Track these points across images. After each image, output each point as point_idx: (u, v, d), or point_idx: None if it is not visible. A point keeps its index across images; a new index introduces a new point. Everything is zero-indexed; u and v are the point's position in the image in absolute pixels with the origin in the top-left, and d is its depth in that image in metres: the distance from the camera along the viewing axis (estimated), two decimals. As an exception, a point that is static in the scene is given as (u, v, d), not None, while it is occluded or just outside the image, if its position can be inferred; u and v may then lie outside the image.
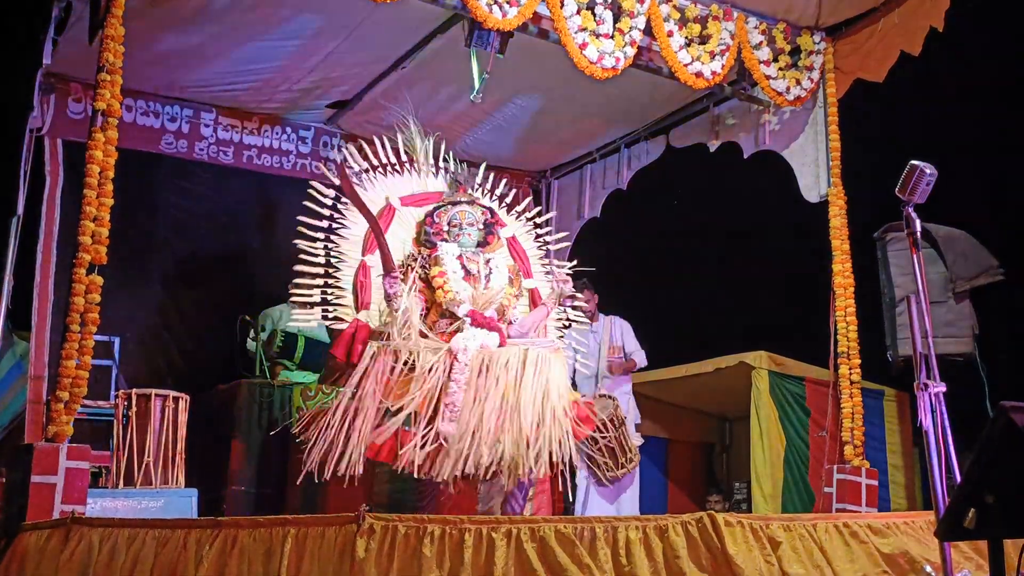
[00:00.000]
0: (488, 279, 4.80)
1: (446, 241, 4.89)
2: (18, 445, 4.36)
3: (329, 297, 4.77)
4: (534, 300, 5.21)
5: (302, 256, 4.80)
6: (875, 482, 5.59)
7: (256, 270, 6.97)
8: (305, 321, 4.90)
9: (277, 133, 7.16)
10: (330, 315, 4.74)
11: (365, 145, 5.34)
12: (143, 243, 6.61)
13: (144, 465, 4.67)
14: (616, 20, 5.30)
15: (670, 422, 8.06)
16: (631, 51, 5.34)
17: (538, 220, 5.66)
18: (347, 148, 5.48)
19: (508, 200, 5.59)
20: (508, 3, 4.92)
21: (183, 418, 4.94)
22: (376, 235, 4.78)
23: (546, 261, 5.52)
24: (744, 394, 6.79)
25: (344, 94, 6.80)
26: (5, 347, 5.92)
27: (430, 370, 4.29)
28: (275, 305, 6.50)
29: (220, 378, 5.94)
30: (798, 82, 5.91)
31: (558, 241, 5.93)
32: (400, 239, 5.01)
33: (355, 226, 4.93)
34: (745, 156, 6.55)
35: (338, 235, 4.89)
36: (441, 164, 5.40)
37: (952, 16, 5.30)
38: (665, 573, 3.20)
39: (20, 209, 5.33)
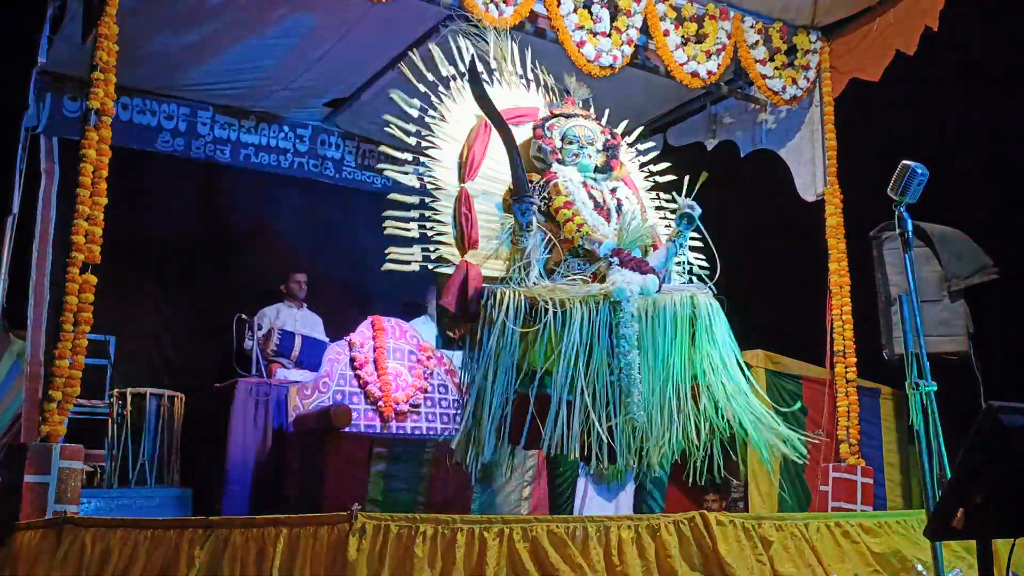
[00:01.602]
0: (619, 212, 3.98)
1: (561, 163, 4.07)
2: (12, 445, 4.36)
3: (428, 233, 3.88)
4: (654, 244, 4.29)
5: (392, 173, 3.94)
6: (870, 480, 5.61)
7: (253, 269, 6.97)
8: (404, 263, 3.86)
9: (275, 131, 7.16)
10: (432, 255, 3.87)
11: (439, 52, 4.35)
12: (140, 241, 6.62)
13: (139, 464, 4.68)
14: (613, 19, 5.31)
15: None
16: (628, 49, 5.35)
17: (640, 147, 4.82)
18: (432, 48, 4.33)
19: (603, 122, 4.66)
20: (504, 2, 4.92)
21: (178, 417, 4.95)
22: (508, 147, 3.83)
23: (654, 195, 4.63)
24: (741, 392, 6.77)
25: (342, 92, 6.80)
26: (3, 347, 5.92)
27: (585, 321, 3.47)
28: (272, 304, 6.52)
29: (216, 377, 5.94)
30: (794, 81, 5.91)
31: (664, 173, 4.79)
32: (498, 161, 4.15)
33: (448, 145, 4.10)
34: (742, 155, 6.55)
35: (428, 156, 4.03)
36: (534, 75, 4.51)
37: (948, 15, 5.30)
38: (657, 573, 3.20)
39: (16, 208, 5.33)
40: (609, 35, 5.27)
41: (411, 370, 5.69)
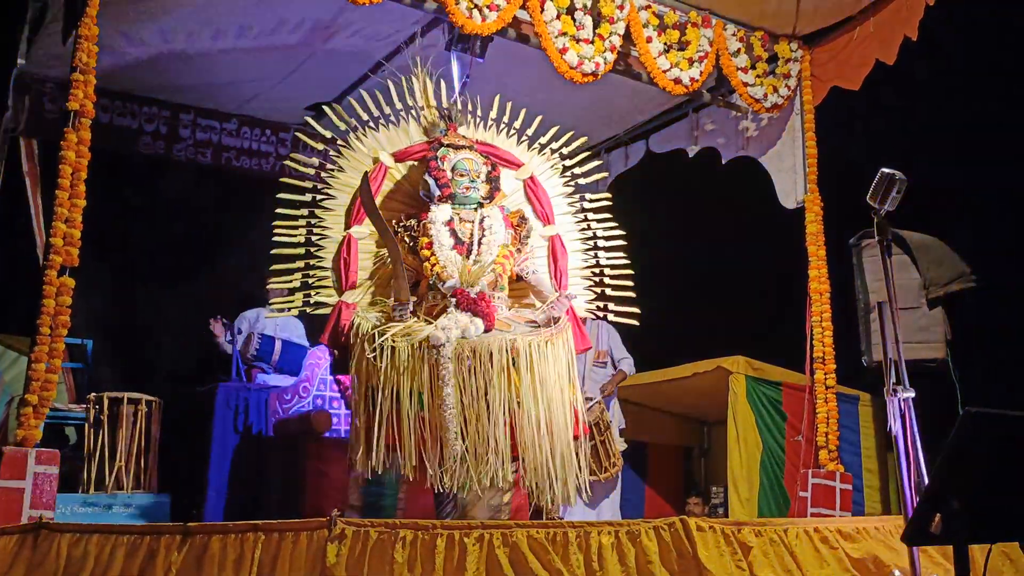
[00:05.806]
0: (480, 244, 4.31)
1: (451, 198, 4.36)
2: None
3: (310, 280, 4.34)
4: (554, 251, 4.66)
5: (279, 236, 4.37)
6: (849, 486, 5.64)
7: (233, 273, 6.93)
8: (284, 310, 4.43)
9: (256, 135, 7.13)
10: (312, 300, 4.33)
11: (353, 103, 4.75)
12: (119, 244, 6.57)
13: (115, 470, 4.63)
14: (596, 25, 5.32)
15: (649, 426, 8.08)
16: (611, 56, 5.36)
17: (564, 151, 4.90)
18: (333, 108, 4.73)
19: (530, 132, 4.85)
20: (488, 8, 4.92)
21: (155, 422, 4.91)
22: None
23: (575, 199, 4.84)
24: (722, 398, 6.81)
25: (323, 96, 6.78)
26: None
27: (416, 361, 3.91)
28: (252, 308, 6.48)
29: (196, 381, 5.90)
30: (775, 89, 5.95)
31: (591, 174, 4.92)
32: (398, 201, 4.57)
33: (341, 195, 4.51)
34: (723, 162, 6.59)
35: (322, 207, 4.44)
36: (444, 106, 4.72)
37: (927, 24, 5.36)
38: (637, 578, 3.20)
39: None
40: (592, 42, 5.28)
41: (392, 375, 5.67)
